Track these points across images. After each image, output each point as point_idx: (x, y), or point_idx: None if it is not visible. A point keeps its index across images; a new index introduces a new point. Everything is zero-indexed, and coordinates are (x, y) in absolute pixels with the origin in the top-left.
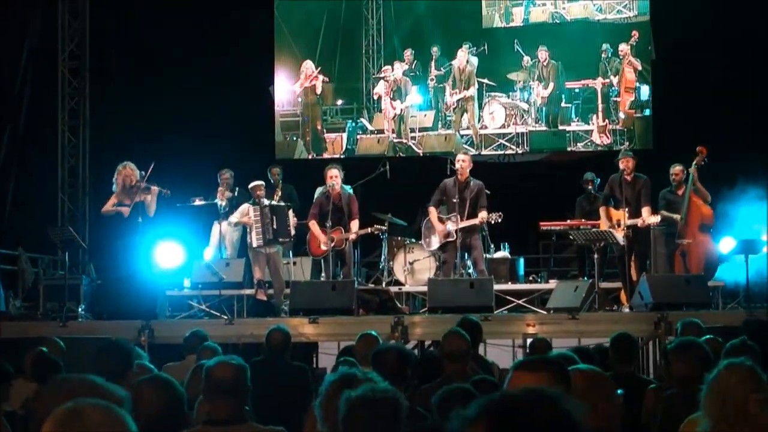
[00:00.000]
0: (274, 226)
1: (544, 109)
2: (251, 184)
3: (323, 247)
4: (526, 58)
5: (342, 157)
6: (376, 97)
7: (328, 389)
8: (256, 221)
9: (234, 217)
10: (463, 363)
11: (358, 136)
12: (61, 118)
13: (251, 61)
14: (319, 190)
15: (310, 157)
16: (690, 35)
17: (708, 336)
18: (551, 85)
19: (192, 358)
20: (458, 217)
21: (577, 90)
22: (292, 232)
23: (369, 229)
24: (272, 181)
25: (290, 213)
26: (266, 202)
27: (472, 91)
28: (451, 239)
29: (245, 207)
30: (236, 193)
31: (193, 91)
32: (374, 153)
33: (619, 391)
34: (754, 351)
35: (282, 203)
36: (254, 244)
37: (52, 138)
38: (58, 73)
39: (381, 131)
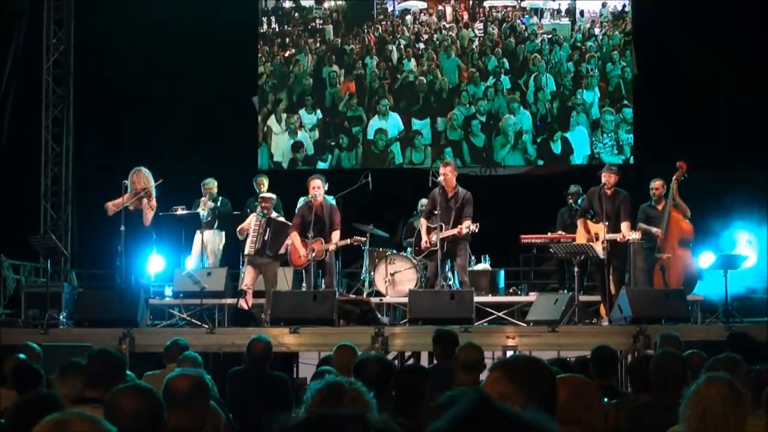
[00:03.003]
0: (265, 238)
1: None
2: (262, 195)
3: (303, 258)
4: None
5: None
6: None
7: (314, 397)
8: (254, 230)
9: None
10: (476, 374)
11: None
12: (45, 126)
13: (235, 71)
14: (301, 201)
15: None
16: (672, 51)
17: (692, 350)
18: None
19: (172, 366)
20: (442, 226)
21: None
22: (282, 251)
23: (348, 240)
24: (258, 191)
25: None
26: (274, 215)
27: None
28: (434, 248)
29: (252, 217)
30: (219, 203)
31: (178, 100)
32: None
33: (605, 399)
34: (738, 364)
35: (284, 220)
36: (245, 251)
37: (36, 146)
38: (42, 81)
39: None
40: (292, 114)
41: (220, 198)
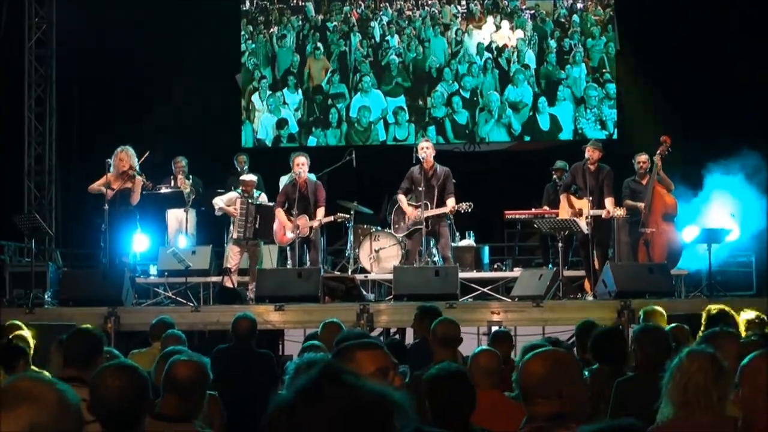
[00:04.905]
0: (257, 226)
1: None
2: (243, 177)
3: (289, 235)
4: None
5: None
6: None
7: (292, 376)
8: (241, 214)
9: (220, 201)
10: (453, 349)
11: None
12: (28, 106)
13: (218, 48)
14: (284, 179)
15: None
16: (654, 25)
17: (675, 323)
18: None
19: (157, 345)
20: (427, 204)
21: None
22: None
23: (332, 217)
24: (239, 169)
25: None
26: (257, 199)
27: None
28: (419, 227)
29: (234, 196)
30: (191, 181)
31: (160, 78)
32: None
33: (585, 373)
34: (727, 337)
35: (271, 204)
36: (234, 236)
37: (19, 125)
38: (25, 60)
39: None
40: (276, 91)
41: (191, 177)
